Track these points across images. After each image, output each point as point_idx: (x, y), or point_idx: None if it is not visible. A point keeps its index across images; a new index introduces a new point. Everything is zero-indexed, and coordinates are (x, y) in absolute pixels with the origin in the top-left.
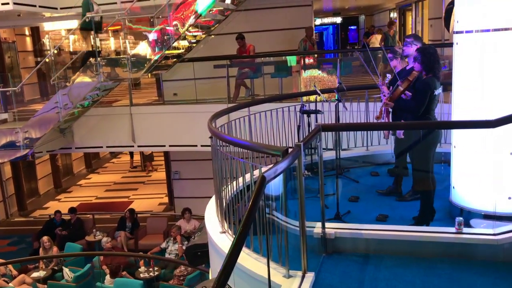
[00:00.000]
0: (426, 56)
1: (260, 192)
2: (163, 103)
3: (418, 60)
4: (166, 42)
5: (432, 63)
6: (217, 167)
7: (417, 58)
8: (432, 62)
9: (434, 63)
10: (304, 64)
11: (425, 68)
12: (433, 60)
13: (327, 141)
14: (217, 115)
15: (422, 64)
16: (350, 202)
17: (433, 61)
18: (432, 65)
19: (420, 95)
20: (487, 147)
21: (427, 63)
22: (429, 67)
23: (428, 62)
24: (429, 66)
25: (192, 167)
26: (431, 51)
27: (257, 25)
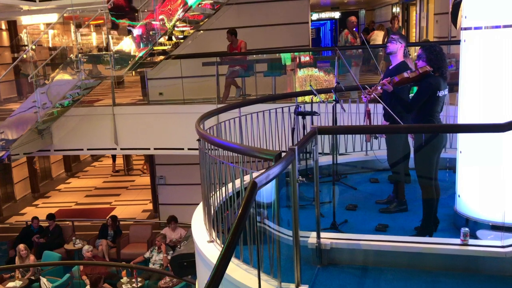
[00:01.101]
0: (433, 54)
1: (250, 199)
2: (148, 103)
3: (422, 58)
4: (152, 37)
5: (439, 62)
6: (205, 172)
7: (421, 56)
8: (439, 61)
9: (441, 62)
10: (300, 62)
11: (431, 67)
12: (440, 59)
13: (324, 145)
14: (205, 116)
15: (428, 62)
16: (347, 211)
17: (440, 59)
18: (439, 64)
19: (419, 94)
20: (496, 152)
21: (434, 61)
22: (436, 66)
23: (436, 61)
24: (436, 65)
25: (178, 171)
26: (437, 49)
27: (249, 20)
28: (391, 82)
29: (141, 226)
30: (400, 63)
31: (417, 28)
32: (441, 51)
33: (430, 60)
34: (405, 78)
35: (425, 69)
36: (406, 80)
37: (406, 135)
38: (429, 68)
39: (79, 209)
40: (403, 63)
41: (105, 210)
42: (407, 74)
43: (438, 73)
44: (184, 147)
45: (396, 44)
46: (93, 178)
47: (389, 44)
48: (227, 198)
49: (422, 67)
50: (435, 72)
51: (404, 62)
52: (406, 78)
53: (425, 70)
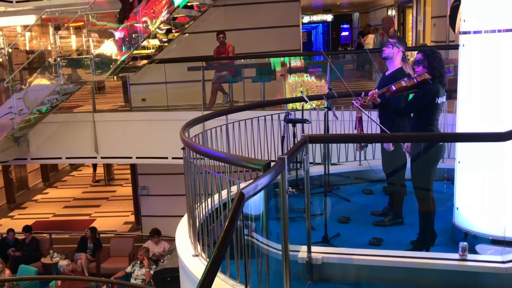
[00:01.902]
0: (436, 60)
1: (238, 211)
2: (130, 110)
3: (422, 63)
4: (135, 40)
5: (441, 68)
6: (190, 182)
7: (420, 62)
8: (441, 67)
9: (442, 68)
10: (290, 68)
11: (432, 73)
12: (442, 65)
13: (315, 154)
14: (190, 123)
15: (429, 68)
16: (339, 224)
17: (441, 65)
18: (441, 71)
19: (415, 100)
20: (496, 163)
21: (437, 68)
22: (438, 73)
23: (439, 67)
24: (439, 72)
25: (162, 182)
26: (438, 54)
27: (237, 23)
28: (387, 91)
29: (122, 239)
30: (396, 70)
31: (414, 32)
32: (441, 56)
33: (434, 68)
34: (402, 87)
35: (423, 77)
36: (404, 88)
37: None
38: (427, 76)
39: (57, 221)
40: (399, 70)
41: (84, 222)
42: (405, 82)
43: (438, 80)
44: (168, 156)
45: (393, 48)
46: (72, 188)
47: (385, 48)
48: (213, 210)
49: (421, 74)
50: (435, 79)
51: (401, 69)
52: (403, 87)
53: (423, 78)
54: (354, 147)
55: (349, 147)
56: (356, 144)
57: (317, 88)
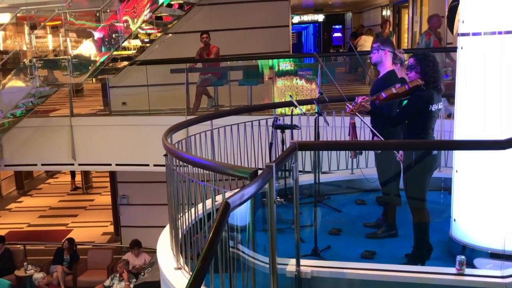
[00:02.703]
0: (428, 65)
1: (223, 222)
2: (110, 114)
3: (415, 69)
4: (115, 41)
5: (435, 74)
6: (173, 191)
7: (413, 67)
8: (435, 72)
9: (436, 74)
10: (279, 70)
11: (424, 79)
12: (436, 70)
13: (305, 162)
14: (173, 129)
15: (422, 74)
16: (330, 236)
17: (435, 70)
18: (435, 77)
19: (407, 107)
20: (496, 172)
21: (431, 74)
22: (432, 79)
23: (432, 73)
24: (433, 78)
25: (142, 190)
26: (431, 58)
27: (223, 23)
28: (377, 99)
29: (100, 251)
30: (387, 73)
31: (410, 33)
32: (435, 60)
33: (426, 73)
34: (393, 94)
35: (415, 83)
36: (394, 96)
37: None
38: (420, 82)
39: (31, 231)
40: (390, 73)
41: (60, 232)
42: (395, 89)
43: (432, 85)
44: (150, 163)
45: (379, 52)
46: (47, 197)
47: (372, 55)
48: (197, 220)
49: (413, 80)
50: (428, 85)
51: (392, 72)
52: (394, 94)
53: (415, 85)
54: (346, 155)
55: (340, 154)
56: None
57: (307, 92)
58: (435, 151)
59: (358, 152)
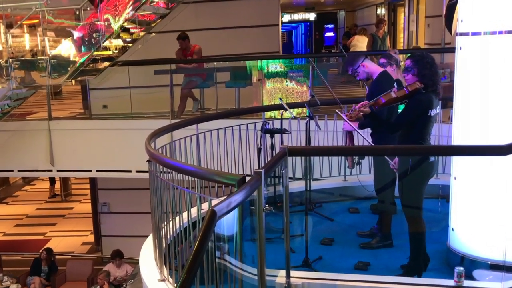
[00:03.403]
0: (427, 68)
1: (209, 231)
2: (90, 118)
3: (412, 71)
4: (95, 40)
5: (433, 77)
6: (156, 199)
7: (409, 69)
8: (433, 75)
9: (434, 76)
10: (268, 72)
11: (422, 82)
12: (434, 72)
13: (295, 168)
14: (157, 133)
15: (419, 76)
16: (322, 246)
17: (434, 73)
18: (433, 79)
19: (406, 113)
20: (496, 179)
21: (429, 76)
22: (431, 82)
23: (430, 76)
24: (431, 81)
25: (124, 198)
26: (429, 60)
27: (209, 22)
28: (375, 104)
29: (80, 261)
30: (379, 75)
31: (406, 33)
32: (433, 62)
33: (424, 76)
34: (392, 98)
35: (415, 87)
36: (393, 100)
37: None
38: (419, 85)
39: (7, 241)
40: (382, 74)
41: (38, 242)
42: (394, 93)
43: (431, 89)
44: (132, 169)
45: (359, 71)
46: (24, 205)
47: (358, 78)
48: (182, 229)
49: (412, 83)
50: (427, 88)
51: (384, 72)
52: (393, 99)
53: (414, 88)
54: (339, 161)
55: (332, 160)
56: (348, 160)
57: (298, 95)
58: (432, 158)
59: (356, 162)
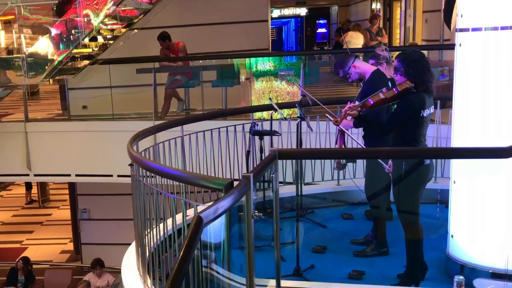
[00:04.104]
0: (411, 67)
1: (194, 238)
2: (69, 119)
3: (400, 71)
4: (74, 37)
5: (422, 75)
6: (139, 205)
7: (398, 69)
8: (421, 74)
9: (423, 74)
10: (257, 70)
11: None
12: (421, 70)
13: (286, 172)
14: (140, 135)
15: (407, 76)
16: (314, 254)
17: (421, 71)
18: (422, 78)
19: (396, 114)
20: (498, 183)
21: (415, 75)
22: (419, 81)
23: (417, 74)
24: (419, 79)
25: (105, 204)
26: (416, 57)
27: (194, 18)
28: (363, 106)
29: (59, 271)
30: (371, 75)
31: (402, 29)
32: (421, 58)
33: (411, 75)
34: (381, 99)
35: (405, 86)
36: (383, 101)
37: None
38: (410, 84)
39: None
40: (374, 73)
41: (14, 250)
42: (383, 94)
43: (422, 88)
44: (113, 173)
45: (350, 72)
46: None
47: (350, 80)
48: (166, 237)
49: (401, 83)
50: (418, 87)
51: (377, 71)
52: (382, 100)
53: (404, 88)
54: (332, 164)
55: (325, 164)
56: (335, 162)
57: (288, 95)
58: (427, 161)
59: (343, 164)
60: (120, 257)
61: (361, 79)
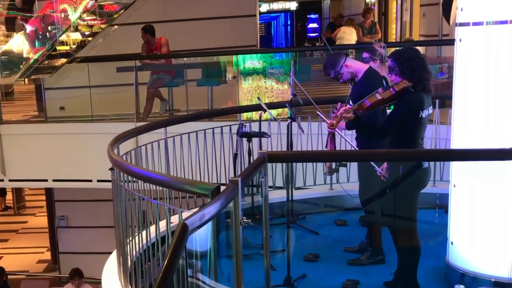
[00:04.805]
0: (406, 66)
1: (179, 247)
2: (46, 121)
3: (394, 71)
4: (51, 34)
5: (418, 73)
6: (120, 211)
7: (393, 69)
8: (417, 72)
9: (419, 72)
10: (245, 68)
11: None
12: (417, 68)
13: (275, 176)
14: (121, 138)
15: (403, 75)
16: (306, 262)
17: (417, 69)
18: (419, 76)
19: (394, 115)
20: (500, 187)
21: (410, 74)
22: (416, 80)
23: (413, 73)
24: (416, 78)
25: (84, 210)
26: (410, 55)
27: (178, 12)
28: (359, 108)
29: (35, 282)
30: (365, 73)
31: (398, 24)
32: (416, 56)
33: (405, 74)
34: (377, 101)
35: (402, 86)
36: (380, 102)
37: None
38: (407, 84)
39: None
40: (368, 72)
41: None
42: (379, 95)
43: (419, 87)
44: (93, 178)
45: (342, 72)
46: None
47: (341, 80)
48: (149, 245)
49: (399, 83)
50: (416, 87)
51: (370, 69)
52: (379, 101)
53: (402, 87)
54: (324, 168)
55: (317, 167)
56: (326, 165)
57: (278, 94)
58: (425, 164)
59: (335, 168)
60: (101, 266)
61: (353, 78)
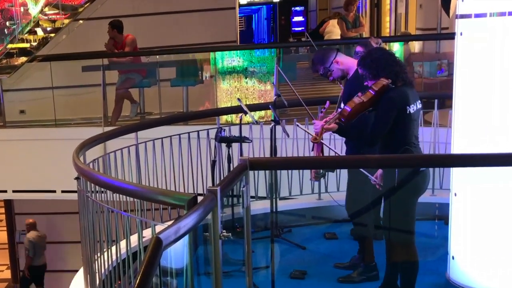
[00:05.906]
0: (372, 67)
1: (153, 263)
2: (4, 126)
3: (368, 77)
4: (9, 30)
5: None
6: (87, 225)
7: (366, 76)
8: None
9: (391, 67)
10: (223, 66)
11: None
12: (386, 64)
13: (258, 185)
14: (87, 144)
15: (377, 77)
16: (292, 280)
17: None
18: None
19: (380, 118)
20: (506, 195)
21: (383, 72)
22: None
23: (383, 69)
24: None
25: (48, 224)
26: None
27: (149, 5)
28: (341, 117)
29: None
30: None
31: (392, 17)
32: (382, 54)
33: (378, 75)
34: (358, 105)
35: (381, 84)
36: (361, 106)
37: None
38: (386, 81)
39: None
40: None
41: None
42: (359, 98)
43: (400, 82)
44: (57, 188)
45: (331, 69)
46: None
47: (331, 78)
48: (119, 262)
49: (376, 82)
50: (396, 83)
51: None
52: (360, 105)
53: (381, 86)
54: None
55: (304, 175)
56: (311, 171)
57: (260, 94)
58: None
59: (322, 173)
60: (66, 285)
61: (344, 76)
